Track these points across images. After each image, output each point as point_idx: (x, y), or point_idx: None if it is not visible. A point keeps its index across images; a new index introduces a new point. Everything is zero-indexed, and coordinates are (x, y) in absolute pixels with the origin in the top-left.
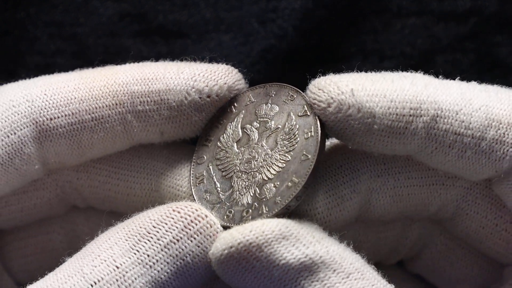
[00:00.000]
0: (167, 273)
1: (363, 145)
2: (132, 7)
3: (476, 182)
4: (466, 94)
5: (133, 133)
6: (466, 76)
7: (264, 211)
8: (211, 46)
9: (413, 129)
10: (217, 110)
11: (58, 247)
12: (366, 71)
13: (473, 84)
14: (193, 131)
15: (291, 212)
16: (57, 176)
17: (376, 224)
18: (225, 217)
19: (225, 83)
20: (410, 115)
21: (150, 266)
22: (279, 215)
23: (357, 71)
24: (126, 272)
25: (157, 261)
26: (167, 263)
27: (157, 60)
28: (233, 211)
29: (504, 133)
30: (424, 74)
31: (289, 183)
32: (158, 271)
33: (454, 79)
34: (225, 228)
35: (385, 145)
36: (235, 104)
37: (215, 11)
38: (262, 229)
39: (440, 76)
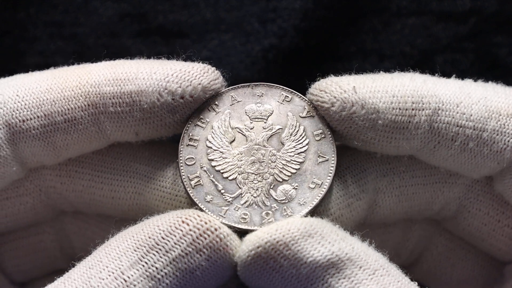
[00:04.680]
0: (176, 285)
1: (368, 143)
2: (132, 7)
3: (477, 179)
4: (464, 88)
5: (107, 133)
6: (466, 76)
7: (289, 213)
8: (211, 46)
9: (416, 123)
10: (197, 109)
11: (50, 247)
12: (366, 71)
13: (469, 81)
14: (168, 131)
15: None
16: (40, 182)
17: (378, 227)
18: (241, 220)
19: (199, 84)
20: (413, 109)
21: (158, 280)
22: (306, 216)
23: (356, 73)
24: (134, 286)
25: (165, 274)
26: (176, 276)
27: None
28: (249, 214)
29: (504, 124)
30: (421, 73)
31: (311, 185)
32: (167, 284)
33: (450, 77)
34: (244, 231)
35: (390, 141)
36: (217, 103)
37: (215, 11)
38: (288, 228)
39: (437, 74)
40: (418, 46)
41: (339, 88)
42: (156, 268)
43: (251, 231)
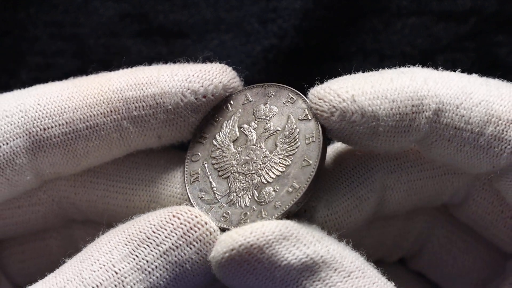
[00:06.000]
0: (166, 279)
1: (370, 146)
2: (133, 7)
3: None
4: (467, 87)
5: (129, 139)
6: None
7: (263, 215)
8: (212, 46)
9: (417, 125)
10: (213, 108)
11: (56, 252)
12: (366, 71)
13: (474, 77)
14: (191, 132)
15: (293, 214)
16: (53, 192)
17: (379, 219)
18: (222, 218)
19: (220, 82)
20: (413, 112)
21: (149, 272)
22: (279, 219)
23: (356, 72)
24: (125, 278)
25: (156, 267)
26: (166, 269)
27: (158, 60)
28: (230, 213)
29: (503, 130)
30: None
31: (290, 189)
32: (157, 277)
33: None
34: (222, 229)
35: (392, 144)
36: (232, 102)
37: (215, 11)
38: (263, 231)
39: (440, 68)
40: (418, 46)
41: (338, 97)
42: (147, 261)
43: (228, 230)
